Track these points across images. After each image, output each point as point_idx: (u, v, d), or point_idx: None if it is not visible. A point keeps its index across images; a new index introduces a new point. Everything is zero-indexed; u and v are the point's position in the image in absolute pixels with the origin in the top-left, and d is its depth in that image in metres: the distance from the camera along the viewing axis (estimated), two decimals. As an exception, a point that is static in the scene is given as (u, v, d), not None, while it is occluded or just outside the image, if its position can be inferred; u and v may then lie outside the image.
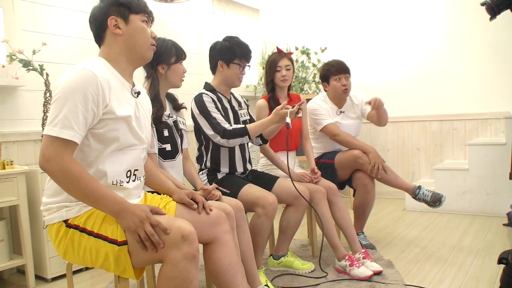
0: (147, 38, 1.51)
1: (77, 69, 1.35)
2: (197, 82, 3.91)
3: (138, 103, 1.54)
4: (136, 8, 1.49)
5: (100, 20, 1.48)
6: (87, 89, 1.33)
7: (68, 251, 1.42)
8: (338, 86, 2.82)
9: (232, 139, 2.17)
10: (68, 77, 1.34)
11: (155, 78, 2.00)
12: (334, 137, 2.81)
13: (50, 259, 2.45)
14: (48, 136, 1.31)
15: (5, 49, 2.53)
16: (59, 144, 1.30)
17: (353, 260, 2.36)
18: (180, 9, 3.80)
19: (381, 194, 4.32)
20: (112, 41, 1.48)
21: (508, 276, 1.45)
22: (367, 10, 4.62)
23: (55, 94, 1.34)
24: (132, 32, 1.48)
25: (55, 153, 1.29)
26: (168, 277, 1.31)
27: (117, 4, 1.47)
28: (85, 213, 1.40)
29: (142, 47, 1.51)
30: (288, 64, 2.61)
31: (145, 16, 1.52)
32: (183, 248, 1.30)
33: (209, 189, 1.96)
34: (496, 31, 3.94)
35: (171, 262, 1.30)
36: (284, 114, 2.11)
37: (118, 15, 1.47)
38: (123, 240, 1.35)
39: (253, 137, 2.21)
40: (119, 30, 1.47)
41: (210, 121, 2.19)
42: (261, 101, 2.64)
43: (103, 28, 1.48)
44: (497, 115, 3.99)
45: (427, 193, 2.64)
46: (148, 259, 1.36)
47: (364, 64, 4.61)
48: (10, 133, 2.57)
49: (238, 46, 2.30)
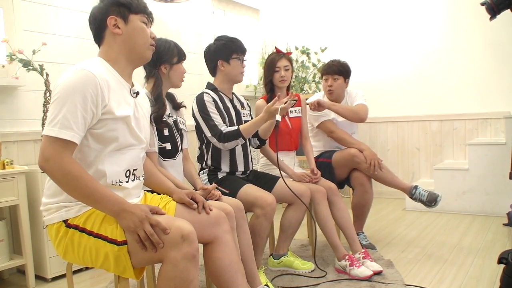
0: (146, 38, 1.51)
1: (76, 70, 1.36)
2: (197, 82, 3.91)
3: (137, 103, 1.54)
4: (136, 8, 1.49)
5: (100, 19, 1.48)
6: (86, 90, 1.33)
7: (68, 251, 1.42)
8: (324, 86, 2.90)
9: (226, 142, 2.18)
10: (67, 78, 1.34)
11: (158, 77, 2.02)
12: (330, 134, 2.84)
13: (50, 259, 2.45)
14: (47, 136, 1.31)
15: (5, 49, 2.53)
16: (58, 144, 1.30)
17: (353, 260, 2.36)
18: (180, 9, 3.80)
19: (381, 194, 4.32)
20: (112, 40, 1.48)
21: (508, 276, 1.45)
22: (367, 10, 4.62)
23: (54, 95, 1.34)
24: (131, 32, 1.48)
25: (54, 153, 1.29)
26: (168, 277, 1.31)
27: (117, 4, 1.47)
28: (84, 213, 1.41)
29: (141, 47, 1.51)
30: (286, 65, 2.60)
31: (144, 17, 1.52)
32: (183, 248, 1.30)
33: (209, 189, 1.96)
34: (496, 31, 3.94)
35: (171, 262, 1.30)
36: (274, 110, 2.11)
37: (117, 15, 1.47)
38: (123, 240, 1.35)
39: (247, 137, 2.22)
40: (118, 29, 1.47)
41: (208, 122, 2.21)
42: (260, 101, 2.64)
43: (103, 28, 1.48)
44: (497, 115, 3.99)
45: (424, 193, 2.65)
46: (147, 259, 1.36)
47: (364, 64, 4.61)
48: (10, 133, 2.57)
49: (231, 41, 2.33)
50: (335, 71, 2.85)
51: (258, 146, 2.45)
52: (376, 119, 4.43)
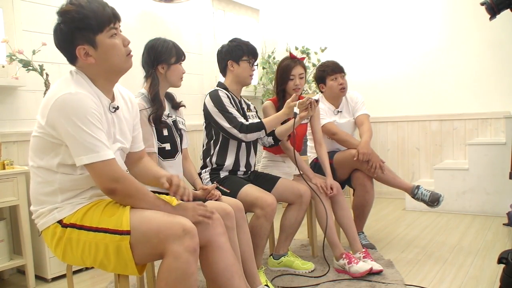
0: (121, 53, 1.43)
1: (70, 94, 1.32)
2: (197, 82, 3.92)
3: (114, 117, 1.50)
4: (99, 26, 1.37)
5: (68, 50, 1.41)
6: (91, 108, 1.34)
7: (67, 251, 1.42)
8: (335, 86, 2.83)
9: (249, 133, 2.21)
10: (67, 104, 1.31)
11: (155, 77, 2.01)
12: (332, 136, 2.83)
13: (50, 259, 2.45)
14: (94, 164, 1.32)
15: (5, 49, 2.53)
16: (111, 164, 1.35)
17: (350, 258, 2.36)
18: (180, 9, 3.80)
19: (381, 194, 4.32)
20: (86, 66, 1.42)
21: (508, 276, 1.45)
22: (366, 10, 4.62)
23: (64, 126, 1.31)
24: (104, 56, 1.40)
25: (116, 173, 1.35)
26: (169, 269, 1.32)
27: (79, 29, 1.36)
28: (79, 210, 1.41)
29: (118, 64, 1.44)
30: (301, 73, 2.53)
31: (111, 29, 1.40)
32: (185, 241, 1.33)
33: (208, 189, 1.96)
34: (496, 30, 3.94)
35: (173, 255, 1.32)
36: (294, 106, 2.17)
37: (84, 43, 1.37)
38: (126, 230, 1.35)
39: (269, 130, 2.26)
40: (90, 58, 1.40)
41: (226, 115, 2.23)
42: (268, 102, 2.61)
43: (73, 57, 1.42)
44: (497, 115, 3.99)
45: (426, 192, 2.65)
46: (148, 253, 1.37)
47: (364, 63, 4.61)
48: (10, 133, 2.57)
49: (244, 44, 2.36)
50: (342, 69, 2.85)
51: (271, 145, 2.46)
52: (376, 119, 4.43)
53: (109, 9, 1.41)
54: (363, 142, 2.72)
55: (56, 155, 1.39)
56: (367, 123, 2.87)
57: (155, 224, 1.36)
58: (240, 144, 2.34)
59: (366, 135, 2.78)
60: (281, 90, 2.57)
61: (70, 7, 1.37)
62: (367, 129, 2.83)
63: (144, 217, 1.38)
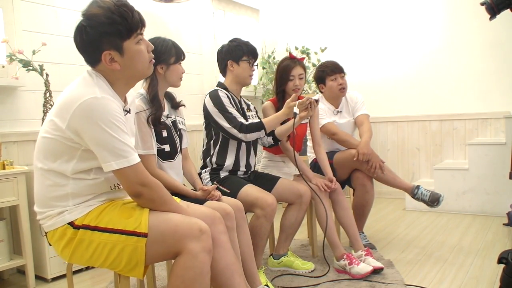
0: (145, 60, 1.42)
1: (95, 98, 1.28)
2: (197, 82, 3.92)
3: (126, 120, 1.48)
4: (128, 32, 1.34)
5: (92, 54, 1.36)
6: (116, 113, 1.32)
7: (76, 252, 1.39)
8: (334, 86, 2.83)
9: (249, 133, 2.21)
10: (92, 110, 1.27)
11: (154, 78, 1.98)
12: (332, 136, 2.83)
13: (50, 259, 2.45)
14: (124, 168, 1.31)
15: (5, 49, 2.53)
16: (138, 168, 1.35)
17: (351, 259, 2.36)
18: (180, 9, 3.80)
19: (381, 194, 4.32)
20: (109, 71, 1.39)
21: (508, 276, 1.45)
22: (366, 10, 4.62)
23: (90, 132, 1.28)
24: (129, 62, 1.38)
25: (144, 177, 1.35)
26: (186, 267, 1.32)
27: (107, 35, 1.32)
28: (92, 211, 1.39)
29: (141, 70, 1.43)
30: (301, 73, 2.53)
31: (138, 35, 1.38)
32: (202, 240, 1.35)
33: (208, 189, 1.96)
34: (496, 30, 3.94)
35: (190, 253, 1.33)
36: (294, 105, 2.17)
37: (111, 49, 1.34)
38: (144, 232, 1.34)
39: (269, 130, 2.26)
40: (116, 64, 1.36)
41: (226, 115, 2.23)
42: (268, 103, 2.61)
43: (96, 61, 1.38)
44: (497, 115, 3.99)
45: (426, 192, 2.65)
46: (162, 252, 1.37)
47: (364, 63, 4.61)
48: (10, 133, 2.57)
49: (244, 44, 2.36)
50: (341, 69, 2.85)
51: (270, 146, 2.46)
52: (376, 119, 4.43)
53: (137, 14, 1.37)
54: (363, 142, 2.72)
55: (70, 158, 1.35)
56: (367, 123, 2.87)
57: (173, 224, 1.37)
58: (240, 144, 2.34)
59: (366, 135, 2.78)
60: (281, 90, 2.57)
61: (99, 10, 1.31)
62: (367, 129, 2.83)
63: (161, 217, 1.38)
